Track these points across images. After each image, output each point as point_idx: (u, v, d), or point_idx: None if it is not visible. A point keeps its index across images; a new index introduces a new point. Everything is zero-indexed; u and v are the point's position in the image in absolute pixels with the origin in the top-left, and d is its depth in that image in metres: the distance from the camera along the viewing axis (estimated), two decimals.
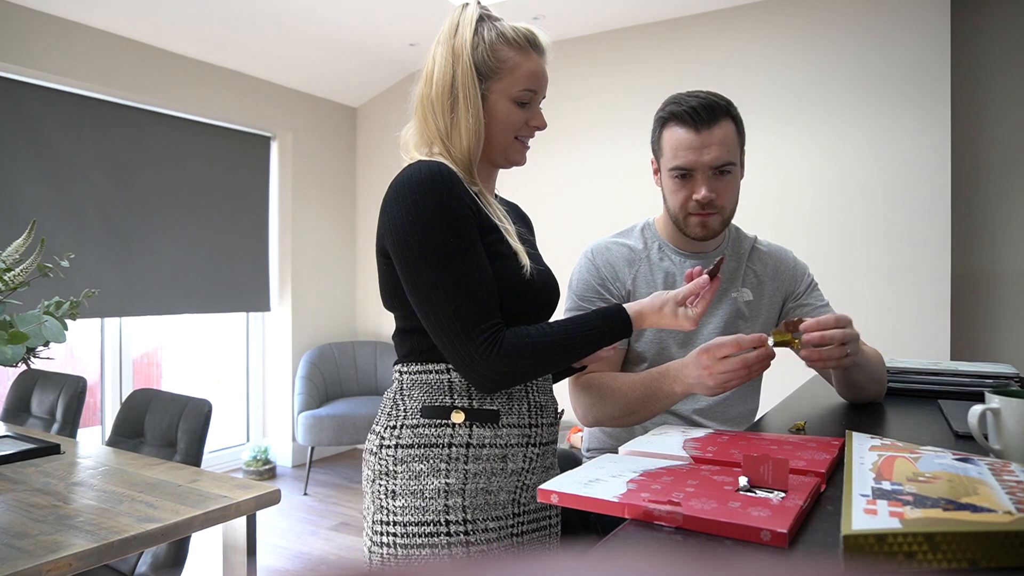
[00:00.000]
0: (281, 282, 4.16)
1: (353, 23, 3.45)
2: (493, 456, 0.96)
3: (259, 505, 1.33)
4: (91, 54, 3.14)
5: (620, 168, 3.49)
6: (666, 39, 3.43)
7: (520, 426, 0.99)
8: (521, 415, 1.00)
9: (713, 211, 1.24)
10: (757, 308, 1.34)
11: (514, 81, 1.01)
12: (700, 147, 1.20)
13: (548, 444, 1.05)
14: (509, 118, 1.02)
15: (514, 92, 1.01)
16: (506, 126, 1.02)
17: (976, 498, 0.57)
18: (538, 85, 1.03)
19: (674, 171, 1.23)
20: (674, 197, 1.26)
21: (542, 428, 1.02)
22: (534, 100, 1.04)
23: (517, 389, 1.00)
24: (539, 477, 1.03)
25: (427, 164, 0.94)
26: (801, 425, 1.07)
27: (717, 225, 1.26)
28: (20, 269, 1.23)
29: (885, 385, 1.33)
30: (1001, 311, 2.93)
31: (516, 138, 1.04)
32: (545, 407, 1.04)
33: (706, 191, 1.21)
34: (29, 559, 0.99)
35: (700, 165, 1.21)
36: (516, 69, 1.01)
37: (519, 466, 0.99)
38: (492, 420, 0.97)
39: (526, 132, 1.05)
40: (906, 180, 2.91)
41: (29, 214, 2.89)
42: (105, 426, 3.38)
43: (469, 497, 0.94)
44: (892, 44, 2.94)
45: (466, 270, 0.90)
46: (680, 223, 1.28)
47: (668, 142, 1.24)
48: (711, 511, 0.61)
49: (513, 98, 1.01)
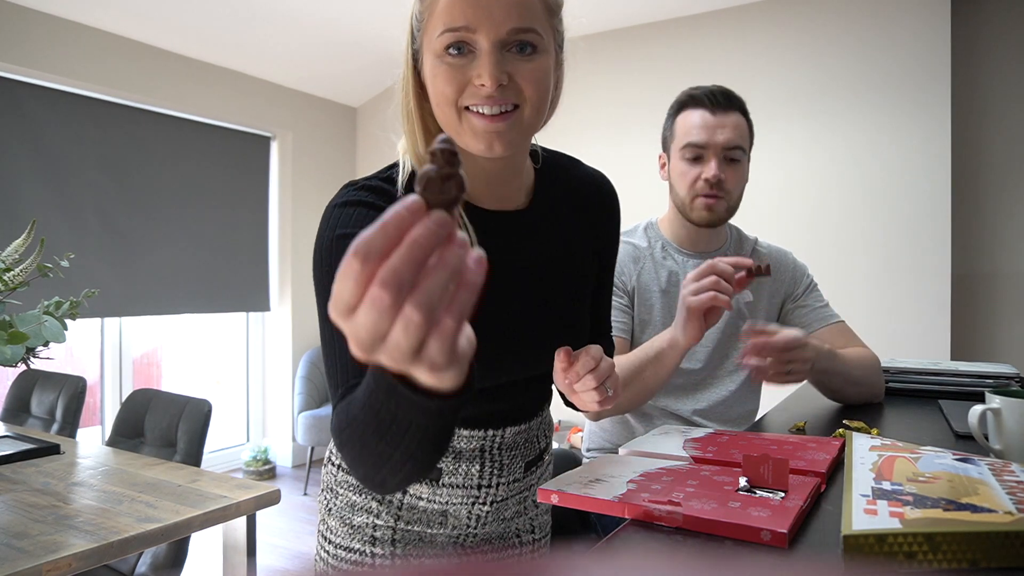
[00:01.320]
0: (281, 282, 4.16)
1: (353, 23, 3.45)
2: (430, 510, 0.83)
3: (259, 505, 1.33)
4: (91, 54, 3.14)
5: (621, 168, 3.49)
6: (666, 39, 3.43)
7: (466, 487, 0.82)
8: (470, 476, 0.82)
9: (720, 195, 1.25)
10: (756, 309, 1.34)
11: (433, 23, 0.69)
12: (715, 127, 1.22)
13: (509, 498, 0.87)
14: (434, 83, 0.70)
15: (434, 41, 0.69)
16: (436, 97, 0.71)
17: (976, 498, 0.57)
18: (465, 17, 0.66)
19: (686, 148, 1.25)
20: (683, 179, 1.27)
21: (497, 488, 0.84)
22: (468, 44, 0.68)
23: (469, 448, 0.81)
24: (493, 527, 0.88)
25: (333, 199, 0.74)
26: (801, 425, 1.07)
27: (722, 211, 1.27)
28: (20, 269, 1.23)
29: (872, 388, 1.27)
30: (1001, 311, 2.93)
31: (467, 109, 0.69)
32: (508, 465, 0.84)
33: (716, 171, 1.22)
34: (29, 559, 0.99)
35: (713, 144, 1.22)
36: (435, 5, 0.69)
37: (462, 522, 0.85)
38: (431, 478, 0.82)
39: (473, 99, 0.69)
40: (906, 180, 2.91)
41: (29, 214, 2.89)
42: (105, 426, 3.38)
43: (400, 534, 0.84)
44: (892, 44, 2.94)
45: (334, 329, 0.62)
46: (686, 208, 1.28)
47: (682, 124, 1.27)
48: (711, 511, 0.61)
49: (435, 51, 0.69)
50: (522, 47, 0.69)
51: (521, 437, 0.86)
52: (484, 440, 0.82)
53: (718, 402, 1.30)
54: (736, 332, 1.31)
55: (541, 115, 0.73)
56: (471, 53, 0.68)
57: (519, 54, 0.69)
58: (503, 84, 0.67)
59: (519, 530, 0.91)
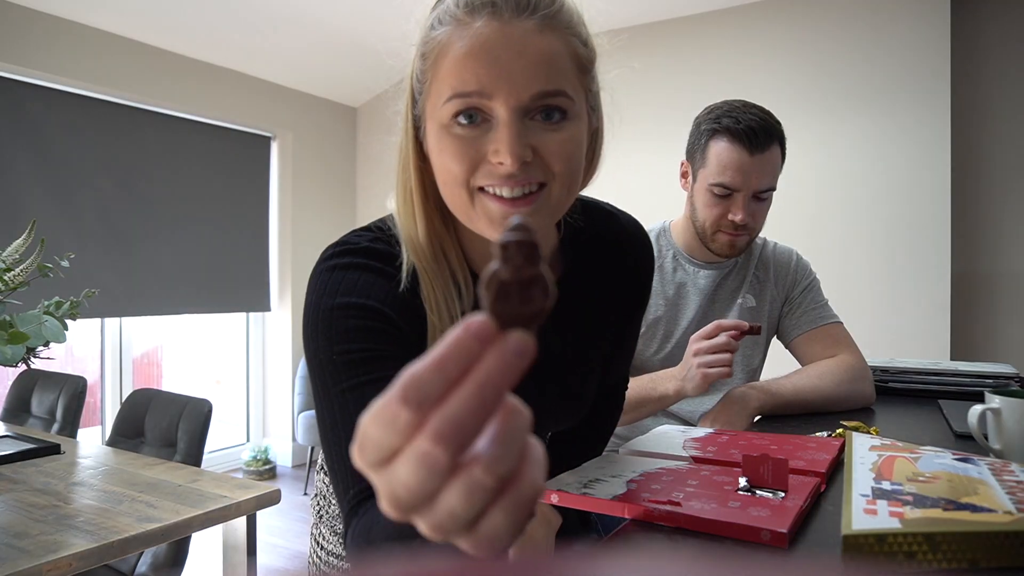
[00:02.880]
0: (281, 282, 4.16)
1: (353, 23, 3.45)
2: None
3: (259, 505, 1.33)
4: (91, 54, 3.14)
5: (621, 168, 3.49)
6: (666, 39, 3.43)
7: None
8: None
9: (744, 233, 1.23)
10: (760, 314, 1.33)
11: (438, 87, 0.58)
12: (750, 171, 1.17)
13: None
14: (440, 159, 0.59)
15: (439, 109, 0.57)
16: (443, 175, 0.59)
17: (976, 498, 0.57)
18: (478, 80, 0.55)
19: (716, 187, 1.20)
20: (708, 211, 1.23)
21: None
22: (482, 112, 0.56)
23: None
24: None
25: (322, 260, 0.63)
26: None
27: (744, 245, 1.25)
28: (20, 269, 1.23)
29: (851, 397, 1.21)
30: (1001, 311, 2.93)
31: (482, 190, 0.58)
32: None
33: (744, 215, 1.19)
34: (29, 559, 0.99)
35: (746, 188, 1.19)
36: (440, 61, 0.57)
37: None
38: None
39: (488, 179, 0.57)
40: (906, 180, 2.91)
41: (29, 214, 2.89)
42: (105, 426, 3.38)
43: None
44: (892, 44, 2.94)
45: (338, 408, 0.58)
46: (706, 238, 1.26)
47: (716, 156, 1.19)
48: (711, 511, 0.61)
49: (441, 120, 0.58)
50: (548, 114, 0.57)
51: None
52: None
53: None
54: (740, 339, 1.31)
55: (573, 193, 0.61)
56: (486, 123, 0.56)
57: (545, 122, 0.57)
58: (526, 161, 0.56)
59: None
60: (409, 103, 0.63)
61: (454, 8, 0.57)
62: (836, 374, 1.21)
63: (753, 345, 1.33)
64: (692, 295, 1.31)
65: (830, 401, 1.19)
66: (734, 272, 1.34)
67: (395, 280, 0.61)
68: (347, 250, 0.62)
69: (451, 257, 0.64)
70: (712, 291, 1.32)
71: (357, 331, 0.57)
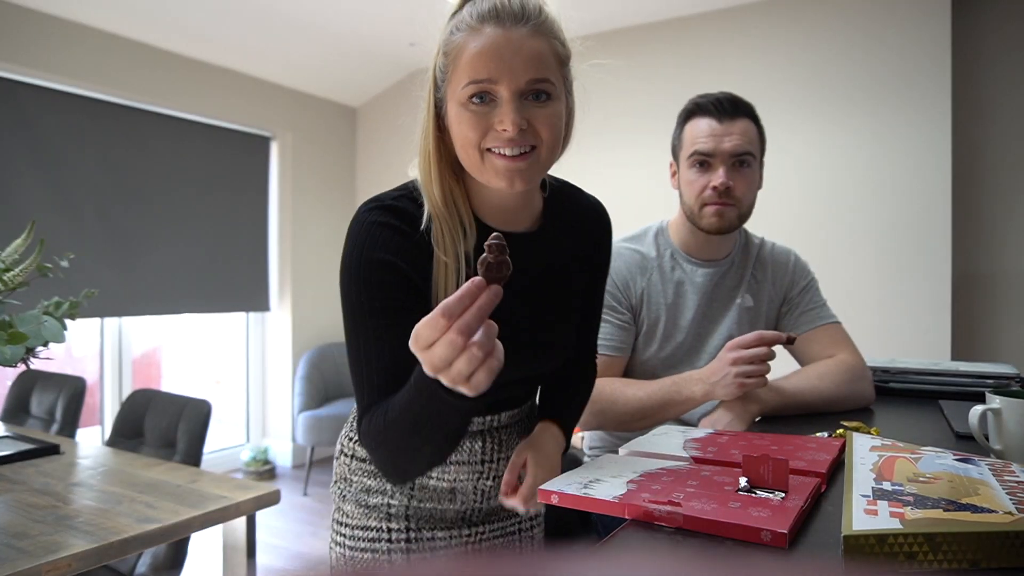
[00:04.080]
0: (281, 282, 4.16)
1: (353, 23, 3.45)
2: (440, 488, 0.92)
3: (259, 505, 1.33)
4: (91, 54, 3.14)
5: (623, 168, 3.49)
6: (666, 39, 3.43)
7: (471, 463, 0.92)
8: (473, 453, 0.91)
9: (730, 202, 1.23)
10: (758, 314, 1.33)
11: (458, 76, 0.77)
12: (722, 134, 1.22)
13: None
14: (460, 127, 0.78)
15: (459, 92, 0.77)
16: (461, 140, 0.78)
17: (977, 499, 0.57)
18: (488, 71, 0.74)
19: (693, 156, 1.24)
20: (691, 187, 1.25)
21: (499, 463, 0.93)
22: (490, 94, 0.76)
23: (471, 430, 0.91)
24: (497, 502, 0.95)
25: (362, 213, 0.82)
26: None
27: (733, 218, 1.25)
28: (20, 269, 1.23)
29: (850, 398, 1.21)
30: (1001, 311, 2.93)
31: (489, 150, 0.77)
32: (506, 441, 0.94)
33: (724, 178, 1.21)
34: (28, 559, 0.99)
35: (720, 152, 1.22)
36: (459, 58, 0.76)
37: (469, 498, 0.93)
38: None
39: (495, 141, 0.77)
40: (906, 180, 2.91)
41: (29, 214, 2.89)
42: (105, 426, 3.38)
43: (413, 511, 0.92)
44: (892, 44, 2.94)
45: (367, 348, 0.78)
46: (695, 216, 1.27)
47: (689, 132, 1.26)
48: (711, 511, 0.61)
49: (460, 100, 0.77)
50: (537, 95, 0.77)
51: (515, 418, 0.97)
52: (483, 423, 0.93)
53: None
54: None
55: (554, 154, 0.82)
56: (493, 102, 0.76)
57: (535, 101, 0.77)
58: (522, 128, 0.76)
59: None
60: (431, 88, 0.82)
61: (468, 19, 0.77)
62: (836, 375, 1.21)
63: None
64: (690, 293, 1.31)
65: (830, 402, 1.19)
66: (732, 271, 1.34)
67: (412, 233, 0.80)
68: (379, 206, 0.82)
69: (459, 205, 0.83)
70: (711, 290, 1.32)
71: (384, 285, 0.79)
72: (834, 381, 1.20)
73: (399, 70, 4.20)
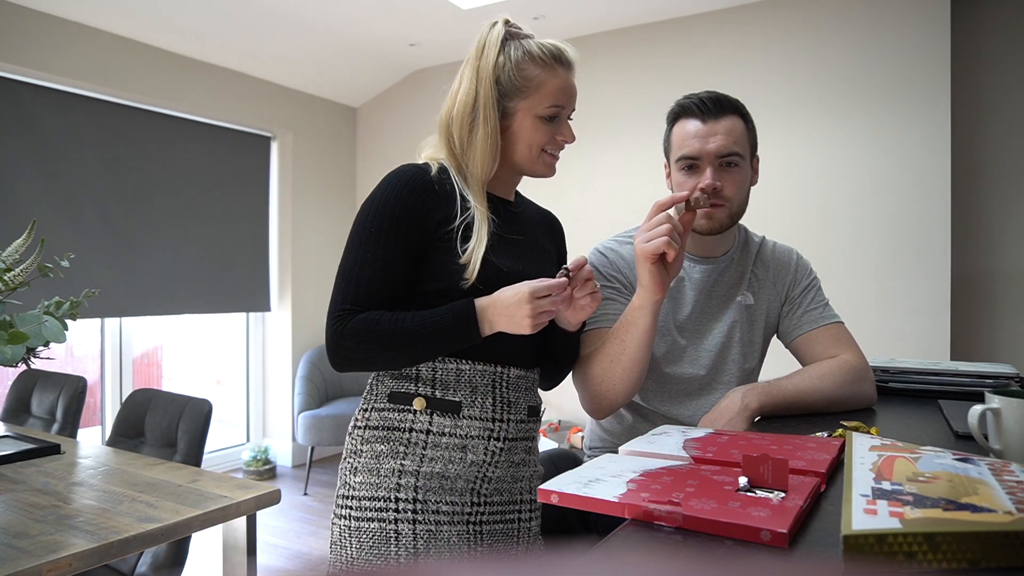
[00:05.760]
0: (281, 282, 4.16)
1: (354, 23, 3.45)
2: (452, 445, 1.01)
3: (259, 505, 1.33)
4: (91, 54, 3.15)
5: (623, 169, 3.49)
6: (666, 39, 3.43)
7: (482, 419, 1.03)
8: (484, 408, 1.03)
9: (720, 203, 1.22)
10: (757, 312, 1.33)
11: (540, 99, 1.06)
12: (706, 136, 1.20)
13: (517, 440, 1.07)
14: (535, 134, 1.07)
15: (540, 109, 1.06)
16: (532, 142, 1.07)
17: (976, 498, 0.57)
18: (564, 100, 1.08)
19: (681, 161, 1.23)
20: (681, 190, 1.24)
21: (508, 424, 1.05)
22: (561, 115, 1.08)
23: (483, 383, 1.04)
24: (504, 471, 1.06)
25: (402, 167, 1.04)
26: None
27: (724, 218, 1.24)
28: (20, 269, 1.23)
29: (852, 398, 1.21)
30: (1001, 311, 2.93)
31: (544, 151, 1.09)
32: (514, 403, 1.07)
33: (711, 179, 1.20)
34: (29, 559, 0.99)
35: (705, 153, 1.20)
36: (542, 86, 1.06)
37: (479, 458, 1.03)
38: (453, 410, 1.02)
39: (553, 146, 1.10)
40: (906, 180, 2.91)
41: (29, 214, 2.89)
42: (105, 426, 3.38)
43: (423, 479, 0.99)
44: (891, 44, 2.94)
45: (364, 256, 0.99)
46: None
47: (677, 135, 1.25)
48: (711, 511, 0.61)
49: (539, 115, 1.06)
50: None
51: (522, 382, 1.09)
52: (494, 376, 1.05)
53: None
54: (737, 337, 1.30)
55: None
56: (558, 119, 1.09)
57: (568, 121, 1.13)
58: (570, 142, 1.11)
59: (521, 490, 1.10)
60: (494, 93, 1.05)
61: (541, 54, 1.06)
62: (838, 375, 1.20)
63: (750, 345, 1.33)
64: (688, 290, 1.31)
65: (831, 402, 1.19)
66: (731, 268, 1.33)
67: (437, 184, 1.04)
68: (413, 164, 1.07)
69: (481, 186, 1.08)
70: (709, 287, 1.32)
71: (398, 220, 1.00)
72: (835, 382, 1.19)
73: (399, 70, 4.20)
